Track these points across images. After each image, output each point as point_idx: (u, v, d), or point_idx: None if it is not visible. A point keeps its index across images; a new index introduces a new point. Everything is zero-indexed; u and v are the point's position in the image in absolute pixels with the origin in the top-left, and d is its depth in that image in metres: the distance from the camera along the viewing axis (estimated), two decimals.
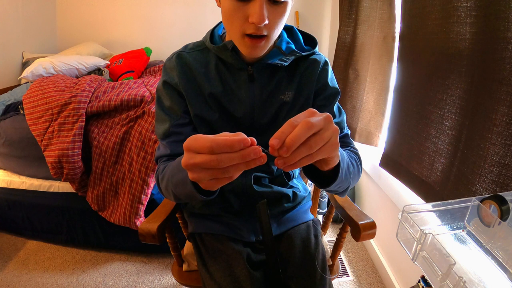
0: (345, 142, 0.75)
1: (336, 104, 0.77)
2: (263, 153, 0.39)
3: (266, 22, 0.56)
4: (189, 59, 0.72)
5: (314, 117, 0.41)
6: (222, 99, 0.71)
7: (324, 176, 0.57)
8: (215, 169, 0.39)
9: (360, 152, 0.74)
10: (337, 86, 0.76)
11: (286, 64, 0.70)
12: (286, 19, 0.62)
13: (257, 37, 0.60)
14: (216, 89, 0.71)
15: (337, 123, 0.74)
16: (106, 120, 1.46)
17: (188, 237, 0.89)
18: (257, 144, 0.40)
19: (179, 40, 1.38)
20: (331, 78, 0.76)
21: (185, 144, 0.41)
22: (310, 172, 0.59)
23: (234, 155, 0.38)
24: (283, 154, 0.39)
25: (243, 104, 0.72)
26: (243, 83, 0.71)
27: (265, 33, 0.59)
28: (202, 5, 2.48)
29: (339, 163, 0.53)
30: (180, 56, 0.72)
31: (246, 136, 0.39)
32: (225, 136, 0.40)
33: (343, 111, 0.78)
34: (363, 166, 1.66)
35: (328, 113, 0.43)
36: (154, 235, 0.78)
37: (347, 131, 0.77)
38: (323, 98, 0.75)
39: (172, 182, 0.59)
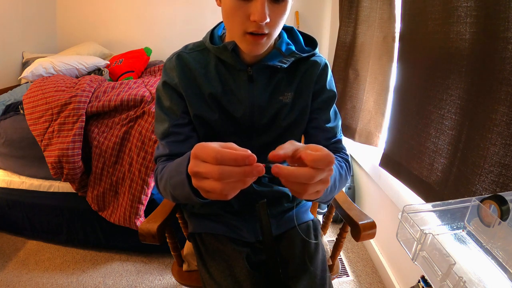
0: (337, 147, 0.76)
1: (332, 108, 0.77)
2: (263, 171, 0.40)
3: (268, 20, 0.57)
4: (189, 60, 0.72)
5: (323, 172, 0.43)
6: (222, 99, 0.71)
7: None
8: (215, 181, 0.40)
9: (360, 152, 0.74)
10: (335, 90, 0.77)
11: (285, 66, 0.70)
12: (286, 17, 0.62)
13: (259, 34, 0.60)
14: (216, 89, 0.71)
15: (331, 128, 0.76)
16: (106, 120, 1.46)
17: (188, 237, 0.89)
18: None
19: (179, 40, 1.38)
20: (330, 81, 0.76)
21: (192, 151, 0.42)
22: None
23: (236, 170, 0.39)
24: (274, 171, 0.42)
25: (242, 105, 0.72)
26: (243, 84, 0.71)
27: (266, 31, 0.60)
28: (202, 5, 2.48)
29: None
30: (180, 57, 0.72)
31: (252, 153, 0.40)
32: (232, 148, 0.41)
33: (338, 115, 0.79)
34: (363, 166, 1.67)
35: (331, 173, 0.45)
36: (154, 235, 0.78)
37: (340, 136, 0.78)
38: (321, 101, 0.75)
39: (171, 184, 0.59)
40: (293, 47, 0.72)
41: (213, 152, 0.39)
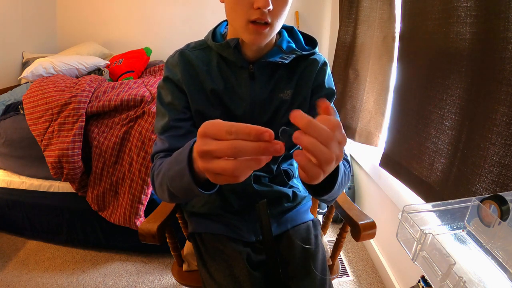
0: None
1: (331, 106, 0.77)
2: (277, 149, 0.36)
3: (271, 7, 0.58)
4: (191, 57, 0.72)
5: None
6: (224, 96, 0.72)
7: (319, 186, 0.55)
8: (226, 160, 0.36)
9: (360, 152, 0.74)
10: (334, 88, 0.77)
11: (286, 61, 0.70)
12: (288, 9, 0.63)
13: (262, 24, 0.61)
14: (218, 86, 0.71)
15: None
16: (106, 120, 1.46)
17: (188, 237, 0.89)
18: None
19: (179, 40, 1.38)
20: (328, 79, 0.76)
21: (200, 129, 0.38)
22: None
23: (251, 144, 0.35)
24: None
25: (243, 102, 0.72)
26: (244, 81, 0.72)
27: (269, 20, 0.60)
28: (202, 5, 2.48)
29: (337, 175, 0.53)
30: (183, 54, 0.73)
31: (269, 129, 0.35)
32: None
33: (337, 114, 0.79)
34: (363, 166, 1.67)
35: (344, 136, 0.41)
36: (154, 235, 0.78)
37: None
38: (319, 98, 0.75)
39: (168, 176, 0.55)
40: (293, 45, 0.73)
41: (226, 126, 0.36)
